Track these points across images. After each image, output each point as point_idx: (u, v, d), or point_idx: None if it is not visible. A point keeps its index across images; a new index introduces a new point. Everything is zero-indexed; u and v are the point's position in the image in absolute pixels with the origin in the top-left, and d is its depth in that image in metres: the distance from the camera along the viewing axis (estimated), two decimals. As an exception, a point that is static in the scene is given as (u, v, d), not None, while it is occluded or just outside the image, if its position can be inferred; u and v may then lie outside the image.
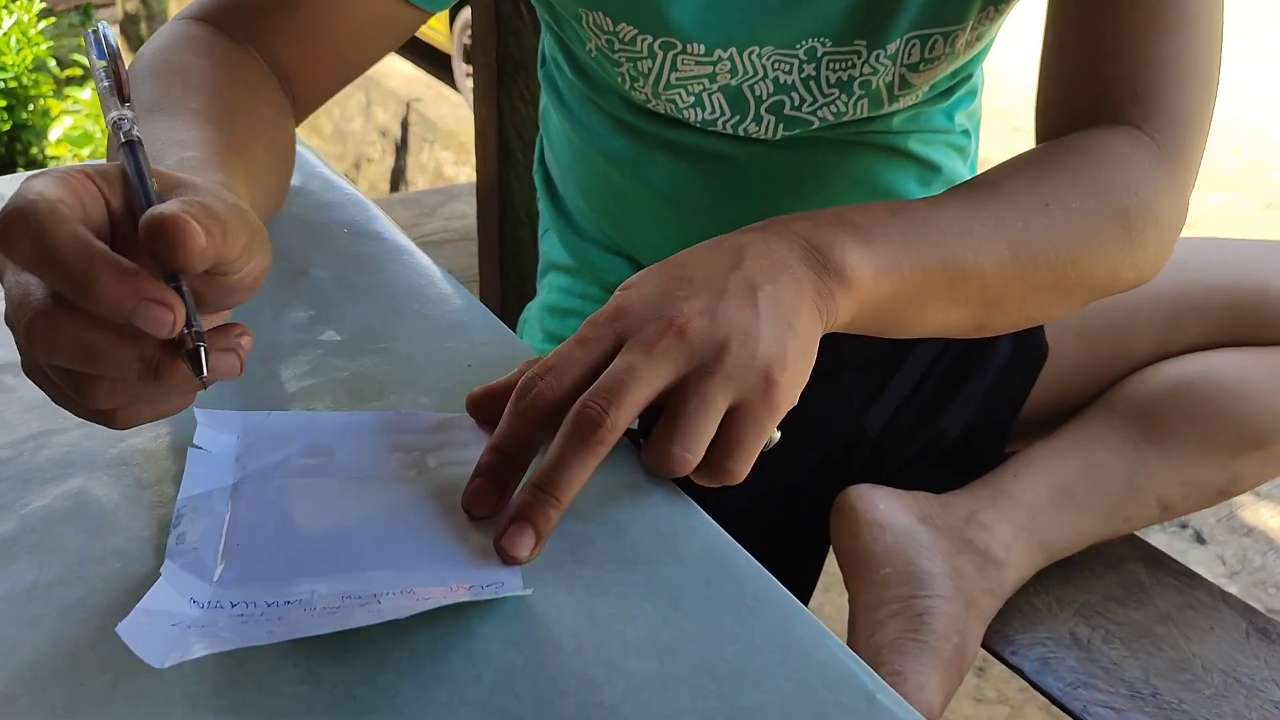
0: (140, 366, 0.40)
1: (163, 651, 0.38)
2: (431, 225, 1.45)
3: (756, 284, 0.51)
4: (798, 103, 0.74)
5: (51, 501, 0.49)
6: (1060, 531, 0.84)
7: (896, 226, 0.56)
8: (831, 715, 0.40)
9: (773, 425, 0.49)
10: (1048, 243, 0.60)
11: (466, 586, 0.43)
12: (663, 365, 0.48)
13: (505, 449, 0.48)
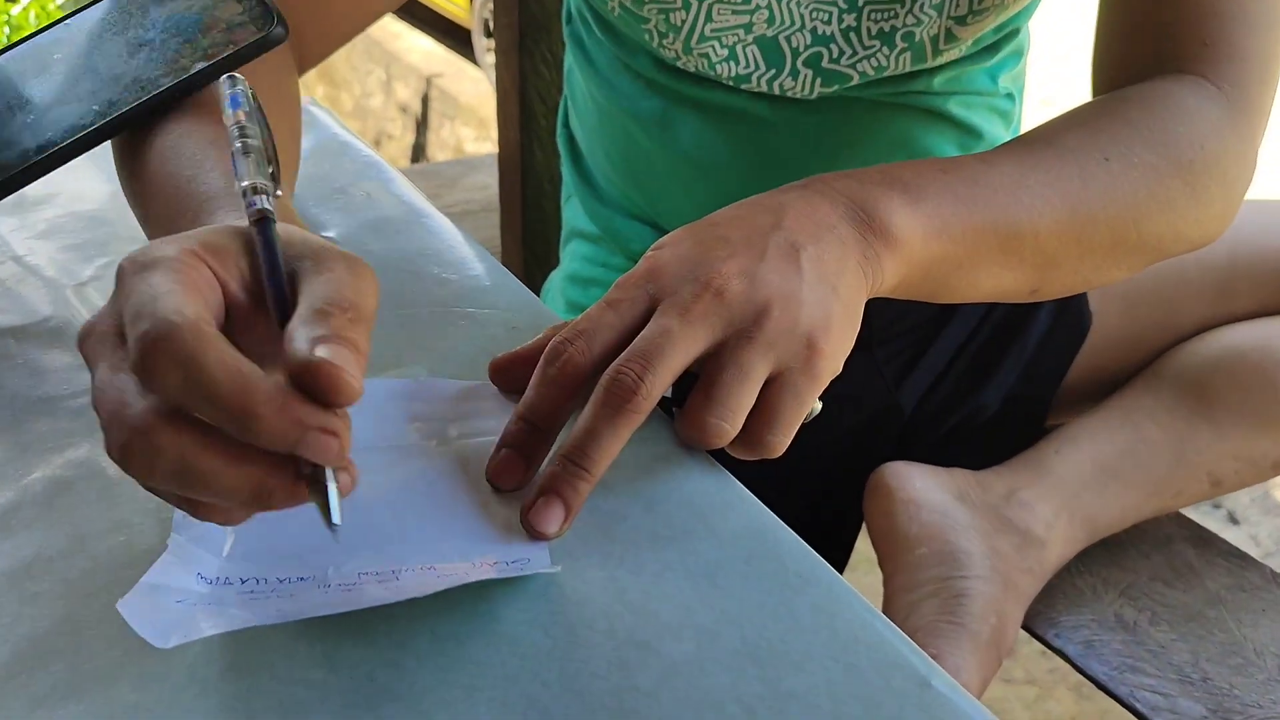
0: (250, 494, 0.34)
1: (166, 630, 0.35)
2: (452, 196, 1.42)
3: (799, 244, 0.48)
4: (836, 55, 0.70)
5: (54, 471, 0.47)
6: (1104, 509, 0.81)
7: (946, 184, 0.53)
8: (882, 702, 0.37)
9: (815, 395, 0.47)
10: (1108, 200, 0.56)
11: (491, 563, 0.41)
12: (700, 329, 0.45)
13: (532, 418, 0.45)
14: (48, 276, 0.60)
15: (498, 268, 0.63)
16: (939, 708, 0.37)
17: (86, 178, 0.71)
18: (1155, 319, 0.85)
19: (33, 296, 0.59)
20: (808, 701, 0.37)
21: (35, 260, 0.62)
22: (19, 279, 0.60)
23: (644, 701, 0.37)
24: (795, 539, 0.44)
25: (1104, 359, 0.87)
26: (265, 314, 0.37)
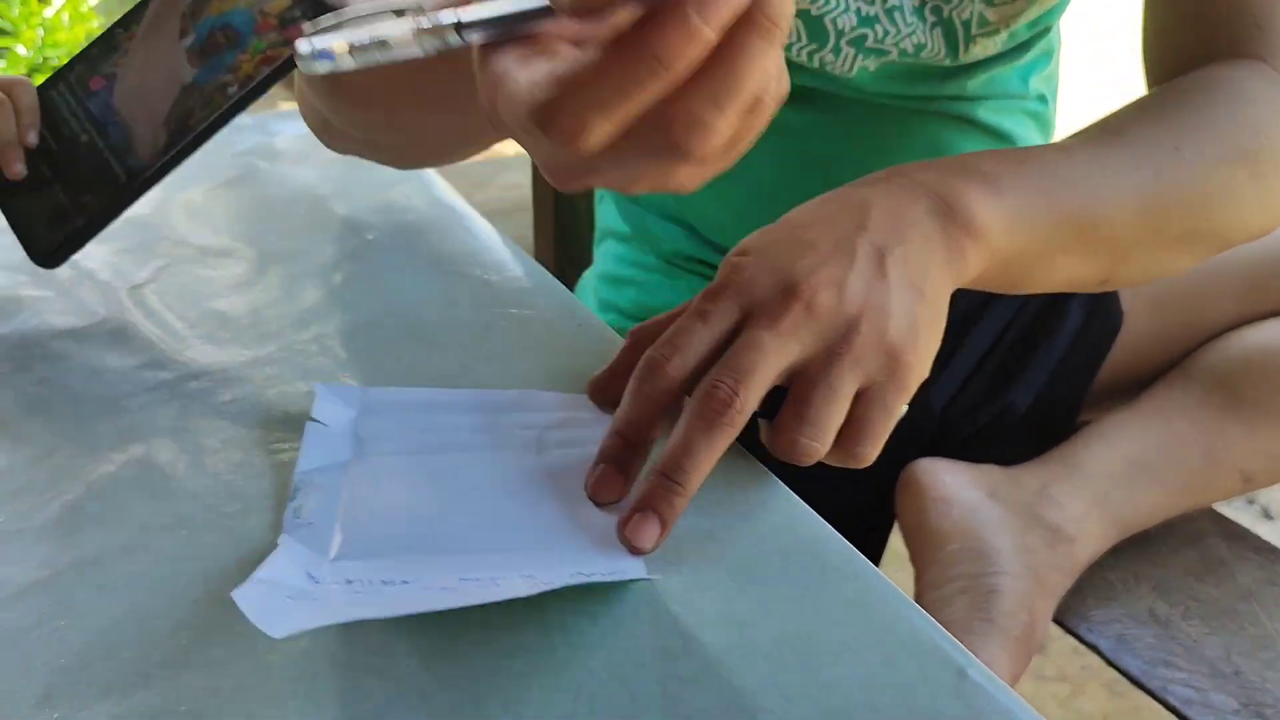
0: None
1: (278, 621, 0.37)
2: (485, 195, 1.44)
3: (885, 247, 0.47)
4: (880, 35, 0.70)
5: (116, 469, 0.48)
6: (1135, 506, 0.82)
7: (1026, 175, 0.53)
8: (918, 691, 0.39)
9: (903, 405, 0.47)
10: (1179, 190, 0.56)
11: (587, 575, 0.41)
12: (791, 343, 0.45)
13: (628, 433, 0.46)
14: (103, 280, 0.62)
15: (536, 268, 0.64)
16: (975, 697, 0.38)
17: (137, 183, 0.73)
18: (1186, 317, 0.86)
19: (90, 299, 0.61)
20: (844, 691, 0.38)
21: (91, 264, 0.64)
22: (76, 283, 0.62)
23: (686, 689, 0.38)
24: (832, 533, 0.45)
25: (1134, 357, 0.87)
26: None
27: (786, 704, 0.38)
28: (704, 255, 0.84)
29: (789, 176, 0.79)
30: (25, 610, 0.41)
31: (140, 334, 0.58)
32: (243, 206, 0.71)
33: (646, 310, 0.86)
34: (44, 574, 0.43)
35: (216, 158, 0.76)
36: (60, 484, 0.48)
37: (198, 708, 0.37)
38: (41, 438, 0.50)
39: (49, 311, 0.59)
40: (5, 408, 0.52)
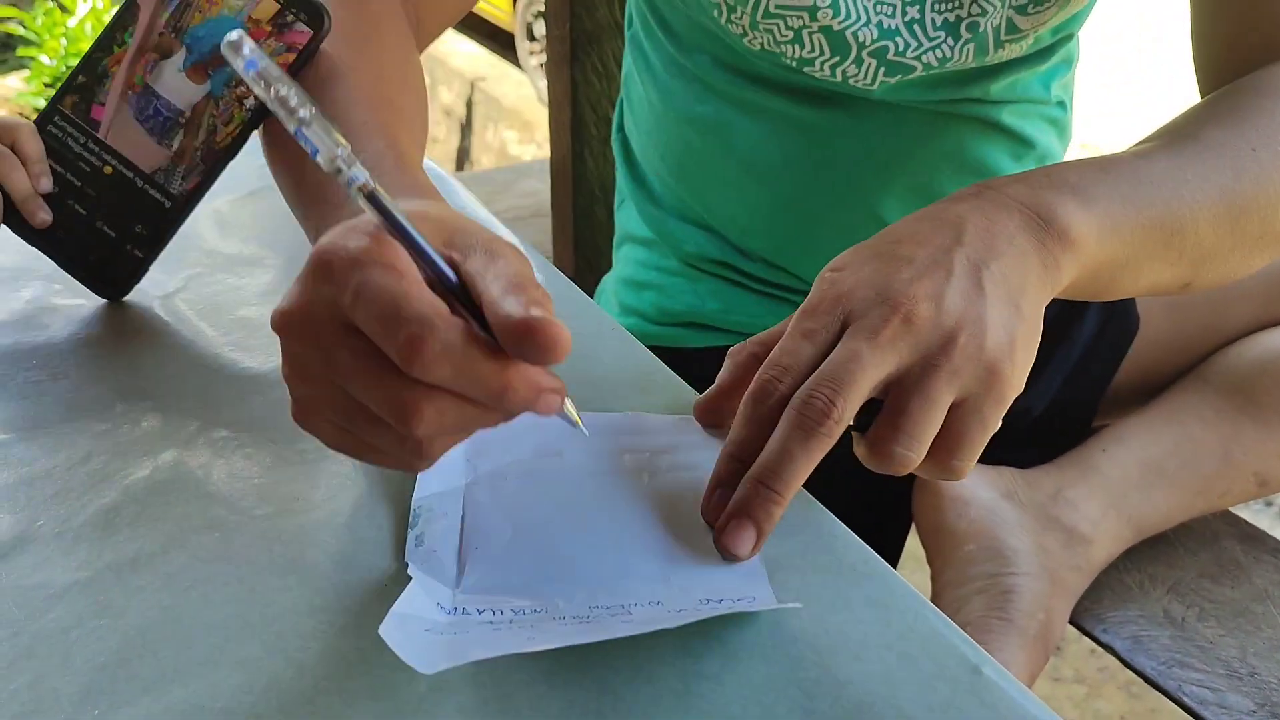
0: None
1: (425, 658, 0.37)
2: (503, 203, 1.45)
3: (982, 262, 0.48)
4: (902, 48, 0.71)
5: (151, 473, 0.50)
6: (1151, 508, 0.82)
7: (1112, 184, 0.53)
8: (935, 687, 0.39)
9: (999, 417, 0.47)
10: (1258, 191, 0.57)
11: (719, 600, 0.42)
12: (888, 354, 0.45)
13: (743, 456, 0.46)
14: (138, 289, 0.64)
15: (556, 275, 0.65)
16: (989, 693, 0.39)
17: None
18: (1203, 321, 0.86)
19: (123, 309, 0.62)
20: (863, 688, 0.39)
21: (122, 273, 0.65)
22: (108, 291, 0.63)
23: (708, 685, 0.39)
24: (850, 534, 0.46)
25: (1151, 362, 0.87)
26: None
27: (806, 700, 0.39)
28: (727, 258, 0.85)
29: (812, 179, 0.79)
30: (65, 610, 0.43)
31: (172, 342, 0.59)
32: (270, 216, 0.72)
33: (668, 314, 0.87)
34: (83, 575, 0.44)
35: (242, 168, 0.77)
36: (97, 488, 0.49)
37: (232, 704, 0.39)
38: (79, 443, 0.52)
39: (84, 320, 0.61)
40: (43, 414, 0.54)
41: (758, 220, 0.83)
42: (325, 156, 0.39)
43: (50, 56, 4.18)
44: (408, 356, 0.37)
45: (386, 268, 0.38)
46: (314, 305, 0.40)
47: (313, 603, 0.43)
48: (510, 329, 0.37)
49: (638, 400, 0.54)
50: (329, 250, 0.40)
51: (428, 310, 0.38)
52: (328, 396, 0.41)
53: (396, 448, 0.41)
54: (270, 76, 0.38)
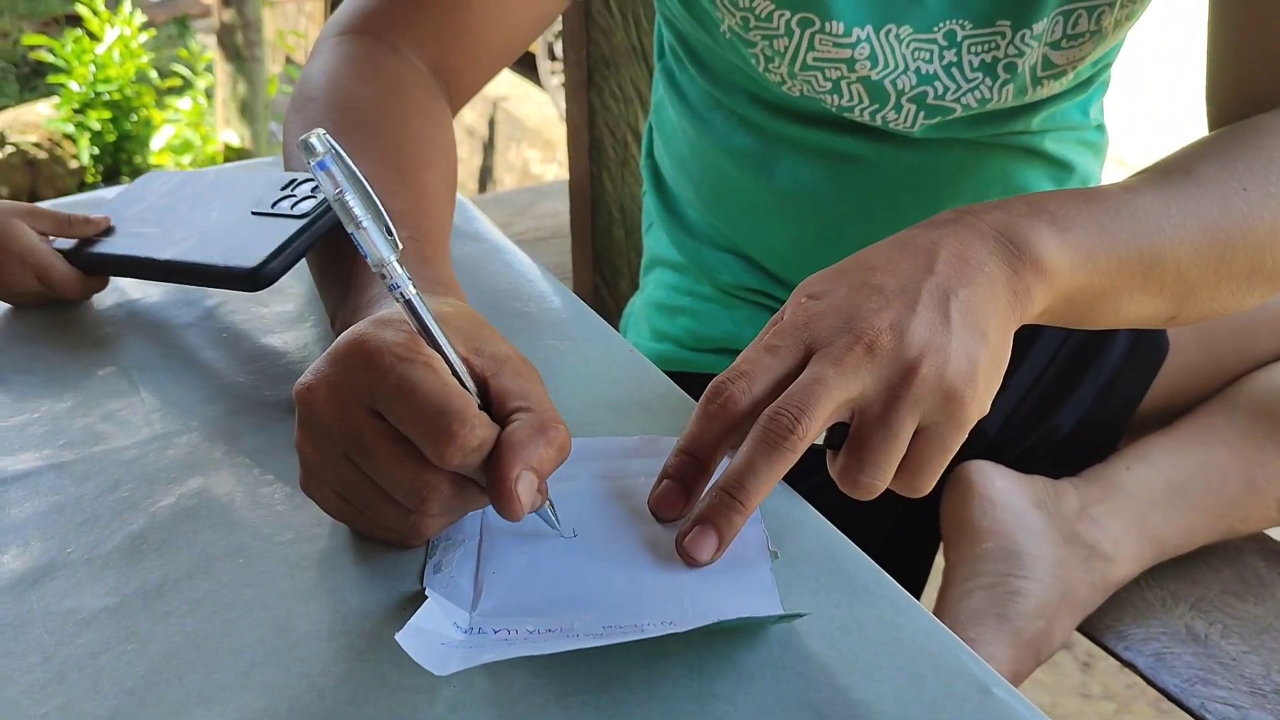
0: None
1: (439, 662, 0.39)
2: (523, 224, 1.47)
3: (951, 290, 0.49)
4: (941, 92, 0.72)
5: (177, 500, 0.51)
6: (1173, 529, 0.82)
7: (1092, 214, 0.54)
8: (945, 707, 0.40)
9: (960, 441, 0.49)
10: (1246, 230, 0.57)
11: (725, 615, 0.43)
12: (852, 381, 0.47)
13: (692, 451, 0.48)
14: (161, 319, 0.65)
15: (574, 300, 0.66)
16: (998, 713, 0.40)
17: (191, 223, 0.76)
18: (1232, 347, 0.85)
19: (149, 337, 0.63)
20: (874, 708, 0.40)
21: (148, 303, 0.67)
22: (134, 322, 0.65)
23: (721, 706, 0.40)
24: (862, 555, 0.47)
25: (1180, 386, 0.87)
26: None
27: (817, 721, 0.39)
28: (763, 286, 0.85)
29: (855, 210, 0.79)
30: (94, 635, 0.44)
31: (197, 370, 0.60)
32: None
33: (702, 340, 0.87)
34: (111, 601, 0.45)
35: (266, 197, 0.79)
36: (125, 515, 0.50)
37: (257, 727, 0.40)
38: (108, 471, 0.53)
39: (109, 350, 0.62)
40: (72, 443, 0.55)
41: (798, 250, 0.83)
42: (374, 260, 0.44)
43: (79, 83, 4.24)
44: (444, 449, 0.42)
45: (424, 365, 0.43)
46: (343, 388, 0.44)
47: (334, 627, 0.44)
48: (500, 477, 0.42)
49: (652, 424, 0.55)
50: (368, 340, 0.44)
51: (466, 408, 0.42)
52: (336, 469, 0.45)
53: (399, 524, 0.45)
54: (338, 179, 0.43)
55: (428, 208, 0.59)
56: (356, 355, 0.44)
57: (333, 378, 0.44)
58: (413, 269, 0.53)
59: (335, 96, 0.64)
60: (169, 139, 4.30)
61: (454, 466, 0.42)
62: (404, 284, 0.44)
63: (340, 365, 0.44)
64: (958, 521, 0.81)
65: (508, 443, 0.43)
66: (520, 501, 0.42)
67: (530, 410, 0.44)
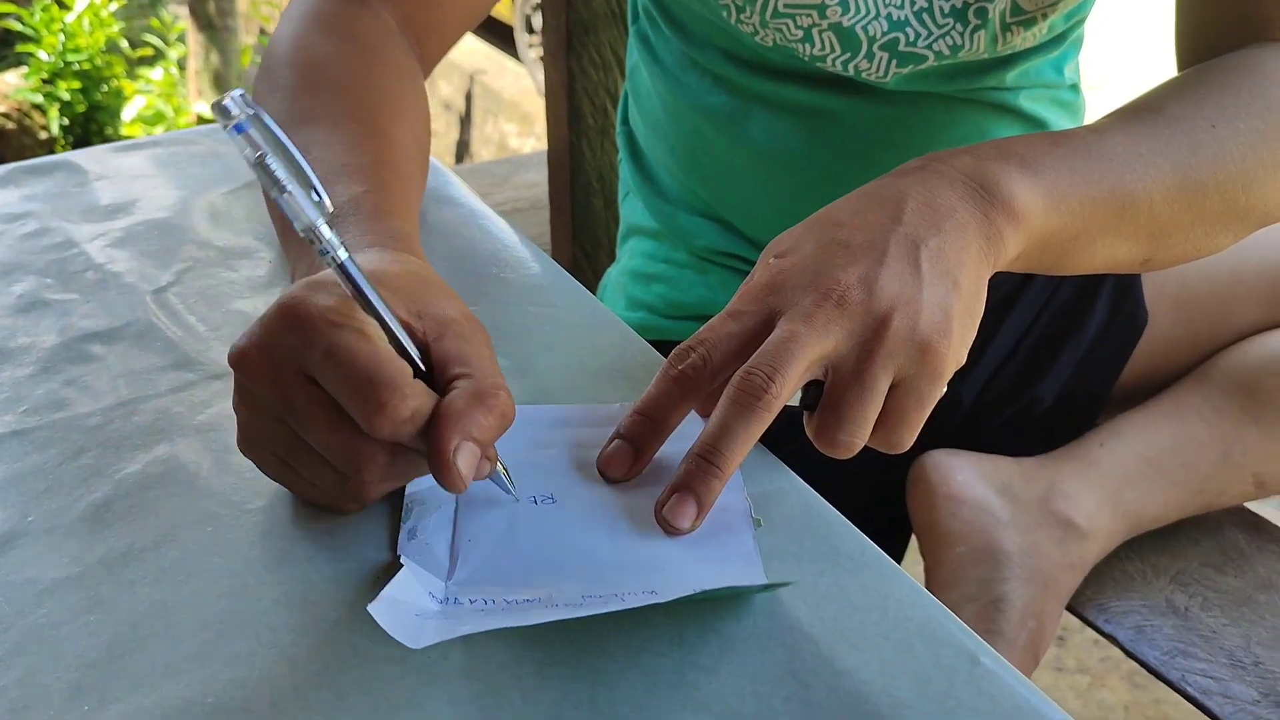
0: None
1: (413, 634, 0.38)
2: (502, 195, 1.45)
3: (919, 240, 0.48)
4: (913, 38, 0.71)
5: (143, 467, 0.49)
6: (1147, 505, 0.82)
7: (1061, 156, 0.53)
8: (933, 677, 0.39)
9: (938, 394, 0.48)
10: (1217, 167, 0.57)
11: (708, 584, 0.42)
12: (824, 337, 0.46)
13: (648, 412, 0.47)
14: (128, 283, 0.63)
15: (553, 266, 0.65)
16: (987, 683, 0.39)
17: (161, 187, 0.74)
18: (1209, 320, 0.85)
19: (115, 302, 0.62)
20: (861, 677, 0.39)
21: (115, 268, 0.65)
22: (100, 286, 0.63)
23: (704, 677, 0.39)
24: (846, 524, 0.46)
25: (1157, 360, 0.87)
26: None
27: (803, 690, 0.38)
28: (738, 250, 0.84)
29: (830, 167, 0.78)
30: (56, 606, 0.42)
31: (164, 336, 0.59)
32: (263, 208, 0.72)
33: (677, 307, 0.86)
34: (74, 570, 0.44)
35: (236, 161, 0.77)
36: (89, 483, 0.49)
37: (224, 700, 0.38)
38: (71, 438, 0.51)
39: (75, 314, 0.60)
40: (34, 409, 0.53)
41: (774, 211, 0.82)
42: (301, 226, 0.42)
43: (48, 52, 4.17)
44: (374, 419, 0.40)
45: (356, 332, 0.41)
46: (276, 351, 0.42)
47: (305, 597, 0.42)
48: (437, 449, 0.41)
49: (632, 391, 0.54)
50: (299, 303, 0.42)
51: (397, 377, 0.41)
52: (274, 431, 0.44)
53: (336, 489, 0.44)
54: (258, 142, 0.41)
55: (391, 161, 0.57)
56: (287, 320, 0.42)
57: (264, 342, 0.43)
58: (366, 223, 0.52)
59: (301, 54, 0.62)
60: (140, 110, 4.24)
61: (386, 437, 0.41)
62: (333, 248, 0.42)
63: (271, 330, 0.42)
64: (927, 524, 0.81)
65: (445, 413, 0.41)
66: (460, 473, 0.41)
67: (471, 377, 0.43)
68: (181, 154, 0.78)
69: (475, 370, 0.43)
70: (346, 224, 0.52)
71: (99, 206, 0.72)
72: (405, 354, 0.43)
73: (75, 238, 0.68)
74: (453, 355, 0.44)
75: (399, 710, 0.38)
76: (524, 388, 0.54)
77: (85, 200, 0.72)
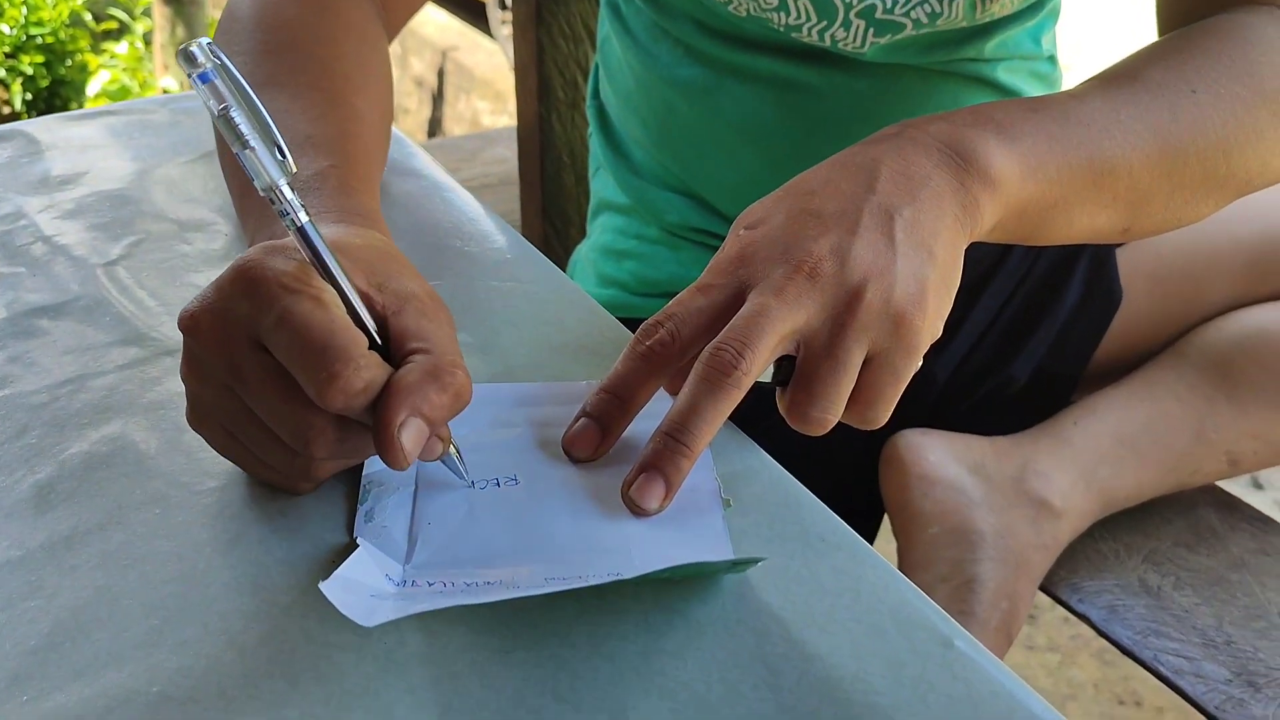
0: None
1: (366, 613, 0.36)
2: (471, 170, 1.43)
3: (893, 209, 0.47)
4: (890, 5, 0.69)
5: (89, 447, 0.47)
6: (1121, 483, 0.81)
7: (1039, 122, 0.52)
8: (906, 662, 0.38)
9: (914, 368, 0.46)
10: (1197, 133, 0.55)
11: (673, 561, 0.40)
12: (795, 309, 0.44)
13: (615, 390, 0.46)
14: (77, 256, 0.61)
15: (519, 240, 0.63)
16: (961, 666, 0.38)
17: (113, 158, 0.72)
18: (1184, 297, 0.85)
19: (63, 275, 0.59)
20: (832, 662, 0.38)
21: (64, 240, 0.63)
22: (49, 259, 0.61)
23: (670, 663, 0.38)
24: (817, 503, 0.45)
25: (1132, 337, 0.86)
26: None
27: (771, 676, 0.37)
28: (710, 226, 0.82)
29: (804, 140, 0.77)
30: (-5, 591, 0.40)
31: (114, 310, 0.56)
32: (220, 180, 0.69)
33: (648, 284, 0.84)
34: (15, 554, 0.42)
35: (194, 131, 0.75)
36: (32, 463, 0.47)
37: (169, 689, 0.37)
38: (14, 416, 0.49)
39: (22, 288, 0.58)
40: (-24, 386, 0.51)
41: (746, 185, 0.80)
42: (262, 185, 0.40)
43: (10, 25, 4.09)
44: (325, 390, 0.39)
45: (311, 299, 0.40)
46: (228, 317, 0.40)
47: (257, 581, 0.41)
48: (382, 423, 0.39)
49: (600, 368, 0.52)
50: (254, 267, 0.41)
51: (350, 346, 0.39)
52: (223, 403, 0.42)
53: (286, 465, 0.43)
54: (222, 94, 0.39)
55: (356, 134, 0.56)
56: (241, 283, 0.40)
57: (216, 306, 0.41)
58: (331, 199, 0.50)
59: (265, 15, 0.60)
60: (105, 84, 4.17)
61: (337, 409, 0.39)
62: (295, 210, 0.40)
63: (225, 294, 0.41)
64: (900, 504, 0.80)
65: (395, 387, 0.40)
66: (403, 450, 0.39)
67: (428, 353, 0.41)
68: (136, 124, 0.76)
69: (433, 347, 0.42)
70: (310, 199, 0.50)
71: (50, 177, 0.69)
72: (362, 326, 0.41)
73: (24, 209, 0.66)
74: (411, 330, 0.42)
75: (354, 698, 0.36)
76: (487, 365, 0.52)
77: (36, 171, 0.70)
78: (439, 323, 0.43)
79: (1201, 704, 0.69)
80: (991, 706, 0.37)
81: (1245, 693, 0.70)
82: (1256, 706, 0.69)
